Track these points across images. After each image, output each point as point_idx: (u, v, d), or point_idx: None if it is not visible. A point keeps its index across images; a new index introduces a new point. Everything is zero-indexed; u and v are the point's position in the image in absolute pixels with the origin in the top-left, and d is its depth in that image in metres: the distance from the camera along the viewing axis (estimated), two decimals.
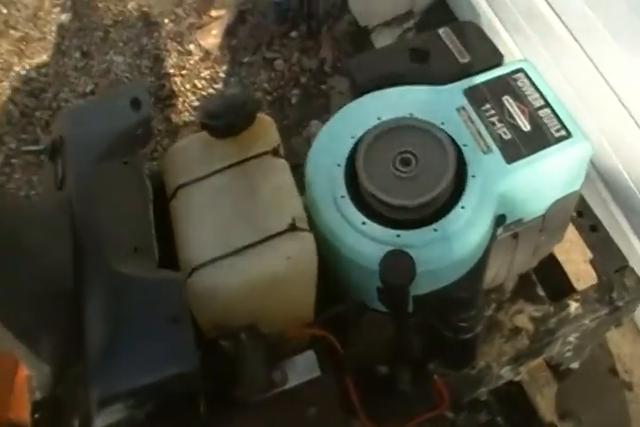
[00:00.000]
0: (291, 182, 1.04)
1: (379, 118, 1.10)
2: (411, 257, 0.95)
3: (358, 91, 1.18)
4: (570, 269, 1.42)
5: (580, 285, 1.41)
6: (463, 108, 1.10)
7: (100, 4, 2.81)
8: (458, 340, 1.22)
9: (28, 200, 2.30)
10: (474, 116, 1.09)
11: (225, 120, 1.05)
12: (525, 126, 1.08)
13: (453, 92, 1.12)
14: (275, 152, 1.07)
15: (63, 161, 0.97)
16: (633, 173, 1.54)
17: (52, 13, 2.82)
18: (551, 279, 1.44)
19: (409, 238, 1.01)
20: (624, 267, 1.41)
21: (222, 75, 2.54)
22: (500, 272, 1.30)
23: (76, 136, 1.03)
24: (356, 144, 1.07)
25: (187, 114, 2.47)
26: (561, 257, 1.42)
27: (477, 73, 1.14)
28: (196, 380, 0.82)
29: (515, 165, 1.05)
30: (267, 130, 1.09)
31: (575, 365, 1.58)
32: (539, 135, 1.08)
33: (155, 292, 0.87)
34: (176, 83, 2.55)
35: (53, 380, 0.86)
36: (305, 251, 0.99)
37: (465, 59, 1.16)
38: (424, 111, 1.10)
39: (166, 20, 2.71)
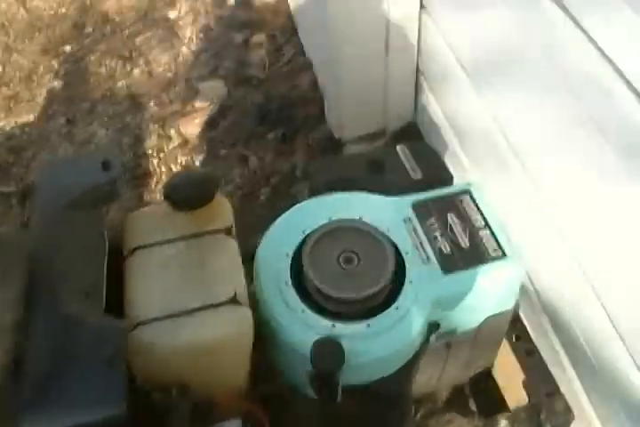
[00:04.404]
0: (238, 260, 1.09)
1: (329, 218, 1.15)
2: (341, 346, 0.99)
3: (315, 191, 1.25)
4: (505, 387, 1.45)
5: (512, 403, 1.43)
6: (409, 219, 1.17)
7: (91, 78, 2.91)
8: None
9: None
10: (418, 227, 1.16)
11: (185, 194, 1.12)
12: (465, 243, 1.15)
13: (402, 204, 1.19)
14: (227, 231, 1.12)
15: (30, 205, 1.03)
16: (573, 308, 1.56)
17: (45, 78, 2.91)
18: (485, 394, 1.46)
19: (343, 330, 1.04)
20: (554, 392, 1.45)
21: (197, 163, 2.58)
22: (432, 379, 1.33)
23: (47, 184, 1.09)
24: (306, 238, 1.12)
25: (158, 195, 2.48)
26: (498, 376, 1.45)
27: (427, 189, 1.22)
28: (124, 423, 0.83)
29: (450, 276, 1.11)
30: (223, 210, 1.16)
31: None
32: (476, 252, 1.14)
33: (97, 335, 0.89)
34: (153, 163, 2.59)
35: None
36: (241, 324, 1.03)
37: (417, 175, 1.25)
38: (372, 217, 1.16)
39: (152, 104, 2.79)
